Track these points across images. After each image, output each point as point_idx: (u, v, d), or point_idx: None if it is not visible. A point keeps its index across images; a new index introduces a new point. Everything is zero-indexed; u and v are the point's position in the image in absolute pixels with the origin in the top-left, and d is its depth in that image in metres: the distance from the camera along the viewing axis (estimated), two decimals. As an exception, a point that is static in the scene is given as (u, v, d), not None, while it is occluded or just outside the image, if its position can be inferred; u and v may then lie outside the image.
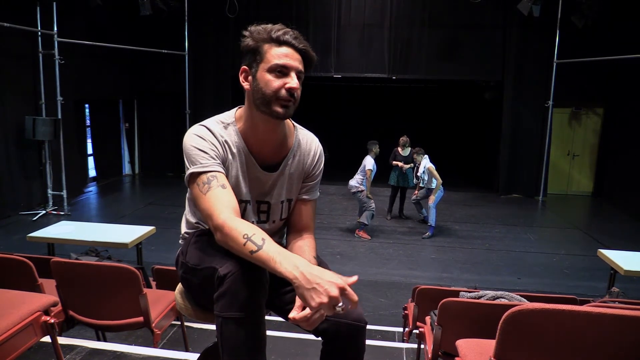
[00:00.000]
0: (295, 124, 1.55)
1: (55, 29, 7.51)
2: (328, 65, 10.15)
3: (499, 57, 9.96)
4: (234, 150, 1.42)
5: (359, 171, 7.02)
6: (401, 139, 7.68)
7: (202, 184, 1.33)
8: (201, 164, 1.35)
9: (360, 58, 10.17)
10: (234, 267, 1.21)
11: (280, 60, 1.32)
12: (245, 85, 1.39)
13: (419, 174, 7.22)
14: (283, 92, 1.32)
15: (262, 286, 1.24)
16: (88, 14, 8.49)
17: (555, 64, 9.22)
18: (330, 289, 1.07)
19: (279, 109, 1.33)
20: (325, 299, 1.06)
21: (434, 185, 6.96)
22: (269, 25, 1.36)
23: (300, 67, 1.36)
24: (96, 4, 7.86)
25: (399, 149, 7.68)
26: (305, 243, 1.49)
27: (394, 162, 7.66)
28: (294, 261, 1.13)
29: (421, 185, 7.32)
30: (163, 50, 9.57)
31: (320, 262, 1.50)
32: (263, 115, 1.36)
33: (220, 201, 1.28)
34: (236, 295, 1.20)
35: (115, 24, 9.78)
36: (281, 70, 1.33)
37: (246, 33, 1.37)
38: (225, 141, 1.41)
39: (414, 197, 7.66)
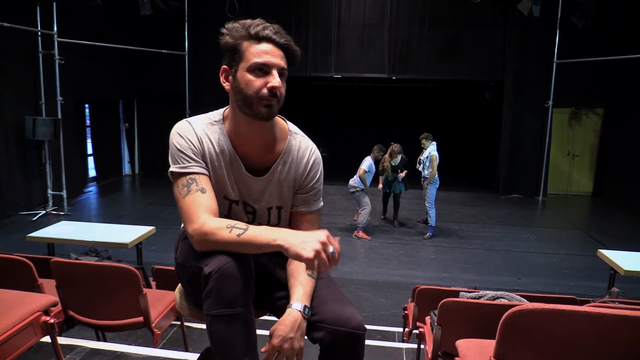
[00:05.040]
0: (292, 127, 1.47)
1: (55, 29, 7.51)
2: (328, 65, 10.16)
3: (499, 57, 9.96)
4: (217, 150, 1.38)
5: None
6: (394, 147, 7.10)
7: (181, 187, 1.32)
8: (180, 164, 1.33)
9: (360, 58, 10.17)
10: (218, 265, 1.20)
11: (260, 58, 1.26)
12: (226, 85, 1.35)
13: (422, 157, 6.98)
14: (265, 91, 1.27)
15: (247, 283, 1.23)
16: (88, 14, 8.49)
17: (555, 64, 9.22)
18: (318, 236, 1.13)
19: (262, 109, 1.28)
20: (317, 245, 1.11)
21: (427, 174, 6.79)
22: (248, 21, 1.30)
23: (282, 63, 1.29)
24: (96, 4, 7.86)
25: (387, 157, 7.13)
26: (299, 266, 1.35)
27: (400, 174, 7.16)
28: (280, 230, 1.20)
29: (420, 169, 7.02)
30: (163, 50, 9.57)
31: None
32: (246, 116, 1.32)
33: (199, 206, 1.28)
34: (222, 292, 1.20)
35: (115, 24, 9.77)
36: (262, 69, 1.27)
37: (224, 30, 1.31)
38: (209, 138, 1.37)
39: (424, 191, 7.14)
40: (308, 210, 1.48)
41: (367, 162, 6.92)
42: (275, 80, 1.27)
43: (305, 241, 1.11)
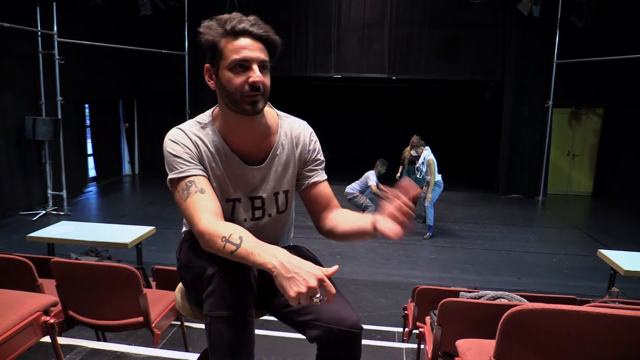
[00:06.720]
0: (280, 113, 1.49)
1: (55, 29, 7.51)
2: (328, 65, 10.15)
3: (499, 57, 9.95)
4: (212, 150, 1.37)
5: (358, 181, 7.05)
6: (413, 138, 7.46)
7: (181, 191, 1.31)
8: (177, 170, 1.32)
9: (360, 58, 10.16)
10: (222, 267, 1.20)
11: (239, 54, 1.26)
12: (211, 84, 1.35)
13: (417, 165, 7.09)
14: (247, 87, 1.27)
15: (249, 285, 1.23)
16: (88, 14, 8.49)
17: (555, 64, 9.22)
18: (308, 279, 1.06)
19: (247, 106, 1.29)
20: (303, 289, 1.05)
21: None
22: (224, 16, 1.30)
23: (262, 56, 1.28)
24: (96, 4, 7.86)
25: (408, 148, 7.56)
26: (342, 212, 1.47)
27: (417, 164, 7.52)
28: (273, 252, 1.12)
29: (419, 176, 7.10)
30: (163, 50, 9.56)
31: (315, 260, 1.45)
32: (233, 113, 1.33)
33: (199, 207, 1.26)
34: (224, 294, 1.20)
35: (115, 24, 9.77)
36: (242, 65, 1.26)
37: (201, 29, 1.31)
38: (202, 141, 1.37)
39: (422, 193, 7.44)
40: (321, 180, 1.50)
41: (374, 177, 6.97)
42: (255, 74, 1.27)
43: (294, 278, 1.06)
